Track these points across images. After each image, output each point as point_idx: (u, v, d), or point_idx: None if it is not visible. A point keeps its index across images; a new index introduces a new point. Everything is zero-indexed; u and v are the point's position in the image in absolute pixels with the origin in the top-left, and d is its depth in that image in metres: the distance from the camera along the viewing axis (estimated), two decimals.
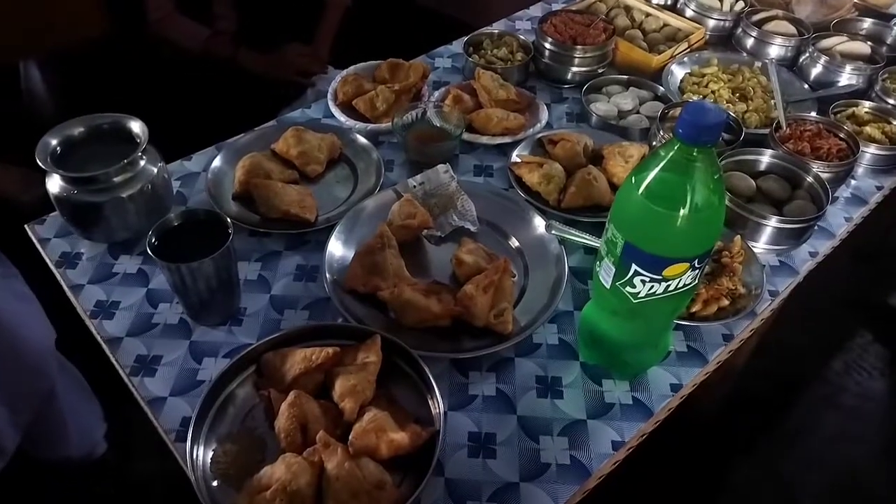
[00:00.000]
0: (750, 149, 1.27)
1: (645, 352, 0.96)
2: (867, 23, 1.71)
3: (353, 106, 1.40)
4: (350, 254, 1.08)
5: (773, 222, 1.14)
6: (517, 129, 1.36)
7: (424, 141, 1.31)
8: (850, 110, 1.41)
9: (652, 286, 0.80)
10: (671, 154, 0.73)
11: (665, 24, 1.67)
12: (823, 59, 1.50)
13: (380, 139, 1.37)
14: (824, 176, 1.23)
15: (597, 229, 1.12)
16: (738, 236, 1.12)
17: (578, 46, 1.48)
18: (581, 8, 1.70)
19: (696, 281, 0.82)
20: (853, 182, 1.34)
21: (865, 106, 1.41)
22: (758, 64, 1.55)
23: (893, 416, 2.29)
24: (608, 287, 0.85)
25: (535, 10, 1.82)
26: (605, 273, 0.85)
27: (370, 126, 1.35)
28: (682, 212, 0.74)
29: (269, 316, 1.02)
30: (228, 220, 0.95)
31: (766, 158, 1.26)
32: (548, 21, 1.55)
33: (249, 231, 1.14)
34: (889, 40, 1.69)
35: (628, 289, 0.82)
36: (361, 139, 1.32)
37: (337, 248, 1.09)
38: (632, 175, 0.78)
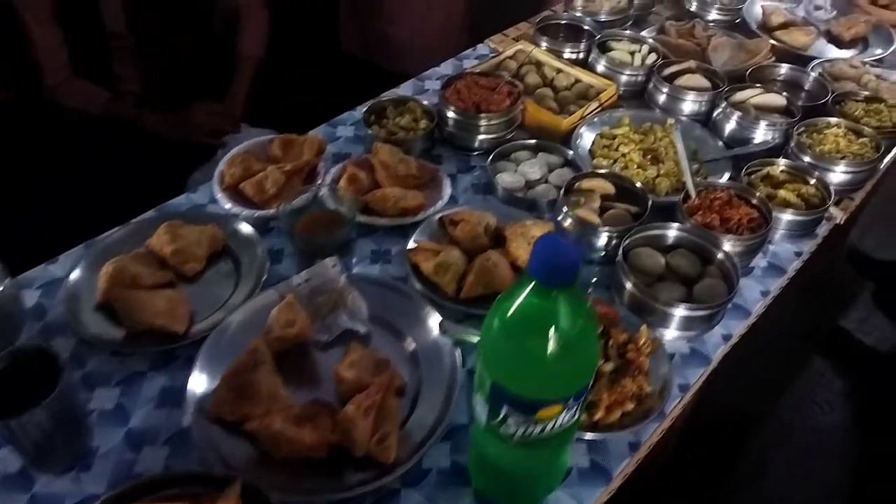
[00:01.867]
0: (657, 224, 1.20)
1: (540, 480, 0.87)
2: (784, 69, 1.68)
3: (241, 190, 1.29)
4: (219, 373, 0.97)
5: (681, 310, 1.07)
6: (416, 208, 1.27)
7: (315, 228, 1.21)
8: (764, 170, 1.36)
9: (527, 428, 0.72)
10: (528, 293, 0.64)
11: (577, 81, 1.61)
12: (737, 115, 1.45)
13: (271, 225, 1.27)
14: (736, 250, 1.17)
15: None
16: (645, 325, 1.05)
17: (482, 114, 1.41)
18: (491, 66, 1.63)
19: (578, 417, 0.74)
20: (771, 248, 1.28)
21: (780, 164, 1.36)
22: (671, 121, 1.49)
23: (846, 452, 2.26)
24: (483, 425, 0.76)
25: (446, 68, 1.75)
26: (480, 408, 0.76)
27: (257, 213, 1.26)
28: (547, 353, 0.66)
29: (123, 456, 0.91)
30: (61, 356, 0.84)
31: (674, 232, 1.19)
32: (451, 86, 1.48)
33: (111, 350, 1.02)
34: (807, 86, 1.65)
35: (502, 430, 0.73)
36: (247, 228, 1.22)
37: (204, 368, 0.99)
38: (495, 308, 0.69)
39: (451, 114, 1.42)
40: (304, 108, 2.34)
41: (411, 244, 1.20)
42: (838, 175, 1.35)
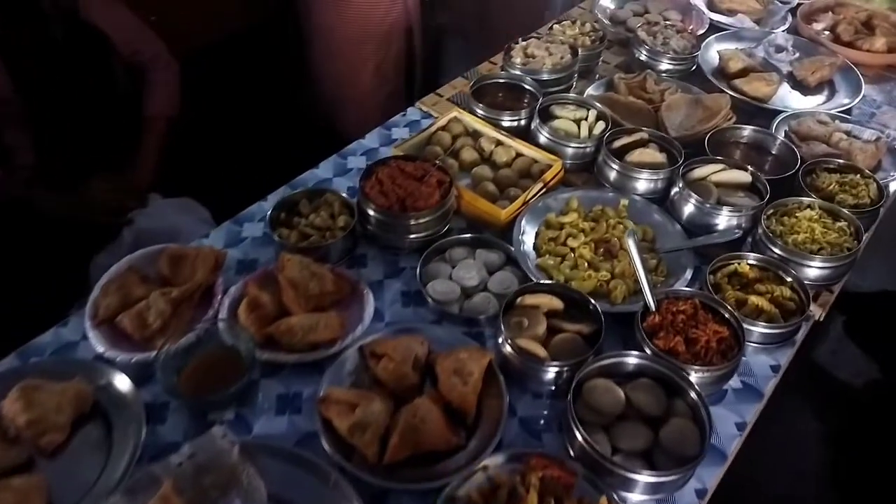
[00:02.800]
0: (615, 353, 1.02)
1: None
2: (747, 132, 1.51)
3: (118, 324, 1.08)
4: None
5: (644, 477, 0.89)
6: (330, 341, 1.07)
7: (206, 377, 1.01)
8: (732, 266, 1.19)
9: None
10: None
11: (518, 155, 1.42)
12: (694, 198, 1.28)
13: (154, 369, 1.05)
14: (705, 380, 1.00)
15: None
16: (604, 498, 0.87)
17: (409, 213, 1.21)
18: (421, 140, 1.43)
19: None
20: (744, 359, 1.12)
21: (749, 259, 1.19)
22: (624, 201, 1.32)
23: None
24: None
25: (372, 139, 1.54)
26: None
27: (136, 357, 1.04)
28: None
29: None
30: None
31: (634, 360, 1.02)
32: (372, 177, 1.27)
33: None
34: (774, 150, 1.49)
35: None
36: (122, 382, 1.01)
37: None
38: None
39: (372, 212, 1.23)
40: (226, 173, 2.12)
41: (322, 391, 1.00)
42: (815, 270, 1.19)
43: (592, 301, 1.08)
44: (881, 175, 1.45)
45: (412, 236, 1.24)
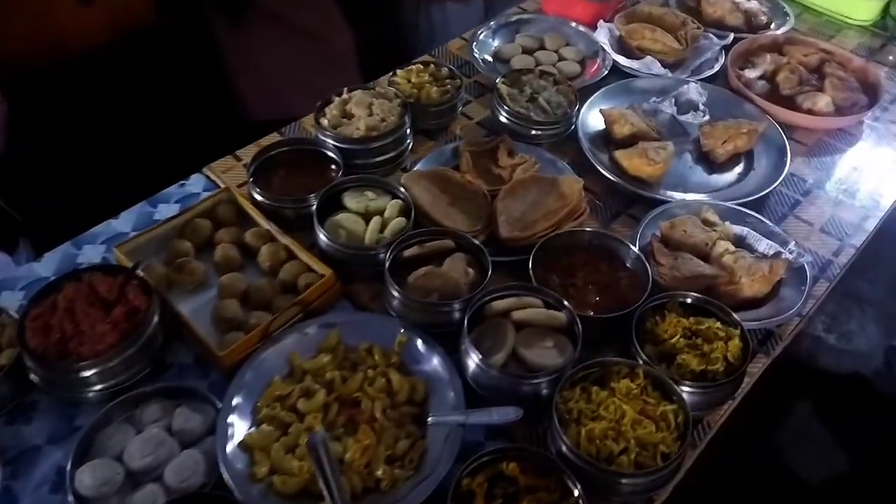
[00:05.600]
0: None
1: None
2: (588, 236, 1.15)
3: None
4: None
5: None
6: None
7: None
8: (496, 468, 0.84)
9: None
10: None
11: (290, 257, 1.09)
12: (474, 357, 0.93)
13: None
14: None
15: None
16: None
17: (72, 359, 0.89)
18: (163, 233, 1.10)
19: None
20: None
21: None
22: (402, 338, 0.98)
23: None
24: None
25: (141, 213, 1.21)
26: None
27: None
28: None
29: None
30: None
31: None
32: (49, 298, 0.95)
33: None
34: (629, 263, 1.12)
35: None
36: None
37: None
38: None
39: (27, 355, 0.91)
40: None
41: None
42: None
43: None
44: (770, 311, 1.07)
45: (85, 389, 0.92)
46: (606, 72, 1.52)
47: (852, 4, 1.79)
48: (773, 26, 1.72)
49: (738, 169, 1.36)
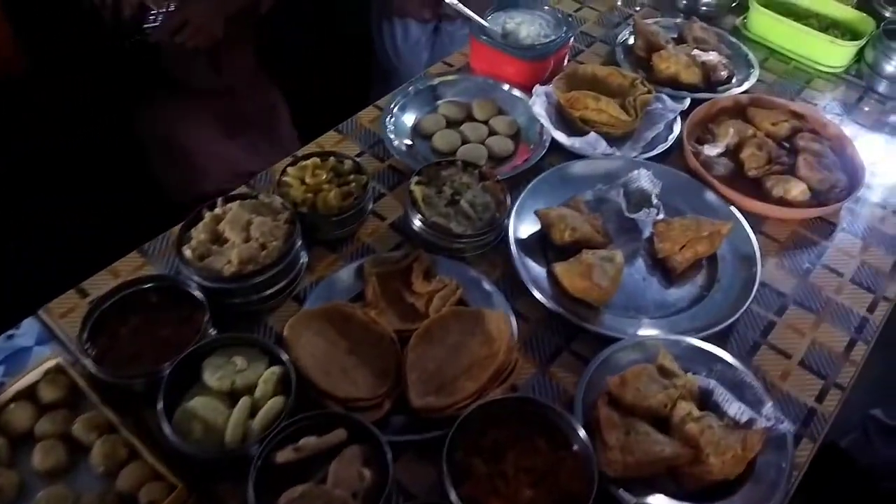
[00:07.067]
0: None
1: None
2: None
3: None
4: None
5: None
6: None
7: None
8: None
9: None
10: None
11: (133, 456, 0.83)
12: None
13: None
14: None
15: None
16: None
17: None
18: None
19: None
20: None
21: None
22: None
23: None
24: None
25: None
26: None
27: None
28: None
29: None
30: None
31: None
32: None
33: None
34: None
35: None
36: None
37: None
38: None
39: None
40: None
41: None
42: None
43: None
44: (745, 499, 0.86)
45: None
46: (544, 152, 1.29)
47: (823, 49, 1.58)
48: (735, 80, 1.50)
49: (700, 280, 1.14)
